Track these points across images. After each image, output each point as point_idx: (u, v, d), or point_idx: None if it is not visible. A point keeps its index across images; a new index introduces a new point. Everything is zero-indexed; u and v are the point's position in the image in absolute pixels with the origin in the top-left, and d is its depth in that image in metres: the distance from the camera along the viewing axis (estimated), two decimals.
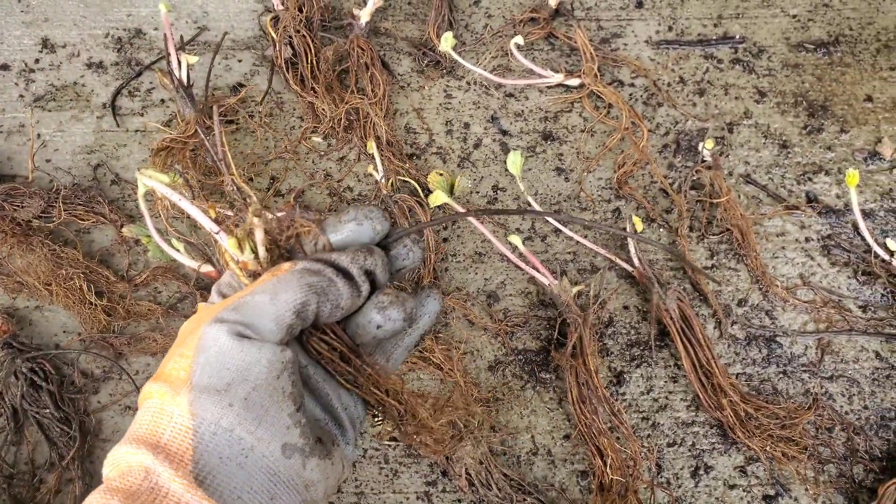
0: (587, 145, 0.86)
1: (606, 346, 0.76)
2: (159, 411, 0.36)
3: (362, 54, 0.84)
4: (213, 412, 0.35)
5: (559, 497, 0.69)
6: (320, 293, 0.38)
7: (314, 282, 0.38)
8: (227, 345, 0.36)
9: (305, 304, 0.37)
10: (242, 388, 0.35)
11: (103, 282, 0.73)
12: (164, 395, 0.36)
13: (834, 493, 0.71)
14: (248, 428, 0.35)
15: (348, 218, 0.41)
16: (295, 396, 0.37)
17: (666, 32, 0.93)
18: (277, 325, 0.37)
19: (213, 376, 0.35)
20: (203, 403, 0.35)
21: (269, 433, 0.36)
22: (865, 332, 0.77)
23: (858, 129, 0.88)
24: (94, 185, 0.81)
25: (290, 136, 0.84)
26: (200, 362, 0.36)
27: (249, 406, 0.35)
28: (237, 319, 0.36)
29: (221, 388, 0.35)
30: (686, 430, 0.73)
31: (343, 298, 0.39)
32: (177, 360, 0.36)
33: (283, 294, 0.37)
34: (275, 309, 0.37)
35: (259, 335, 0.36)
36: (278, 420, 0.36)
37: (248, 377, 0.36)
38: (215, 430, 0.35)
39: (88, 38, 0.88)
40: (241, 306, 0.37)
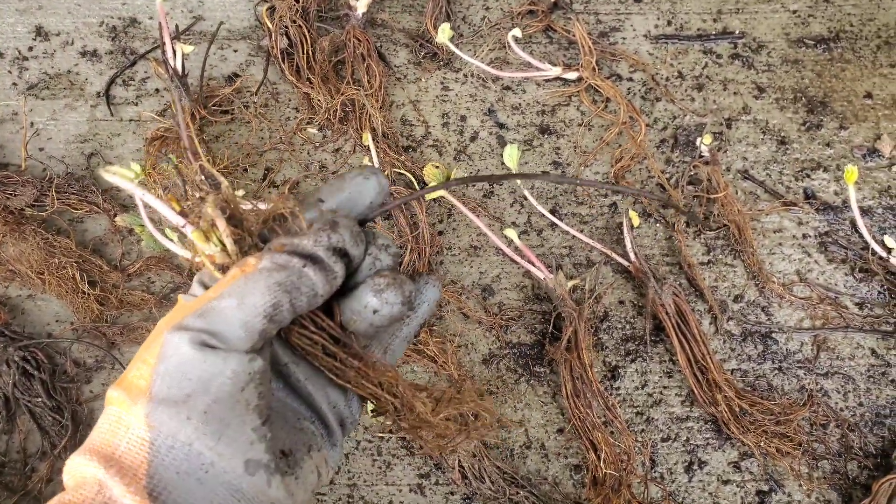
0: (584, 139, 0.86)
1: (601, 340, 0.76)
2: (117, 421, 0.34)
3: (359, 45, 0.84)
4: (170, 425, 0.33)
5: (552, 490, 0.69)
6: (291, 290, 0.35)
7: (282, 279, 0.35)
8: (188, 354, 0.33)
9: (277, 306, 0.35)
10: (202, 401, 0.33)
11: (96, 271, 0.73)
12: (123, 403, 0.34)
13: (828, 490, 0.70)
14: (207, 443, 0.33)
15: (353, 174, 0.39)
16: (261, 409, 0.35)
17: (665, 27, 0.93)
18: (247, 332, 0.34)
19: (172, 387, 0.34)
20: (160, 415, 0.33)
21: (231, 449, 0.34)
22: (861, 329, 0.77)
23: (858, 125, 0.88)
24: (88, 174, 0.80)
25: (285, 127, 0.84)
26: (160, 371, 0.34)
27: (209, 420, 0.33)
28: (202, 327, 0.34)
29: (180, 400, 0.33)
30: (680, 426, 0.73)
31: (319, 287, 0.36)
32: (139, 366, 0.35)
33: (250, 297, 0.34)
34: (242, 315, 0.34)
35: (226, 344, 0.34)
36: (240, 434, 0.34)
37: (209, 389, 0.34)
38: (172, 443, 0.33)
39: (83, 27, 0.88)
40: (207, 312, 0.34)
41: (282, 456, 0.36)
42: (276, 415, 0.38)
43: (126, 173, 0.38)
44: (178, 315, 0.35)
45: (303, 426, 0.38)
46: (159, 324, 0.37)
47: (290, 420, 0.38)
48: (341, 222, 0.37)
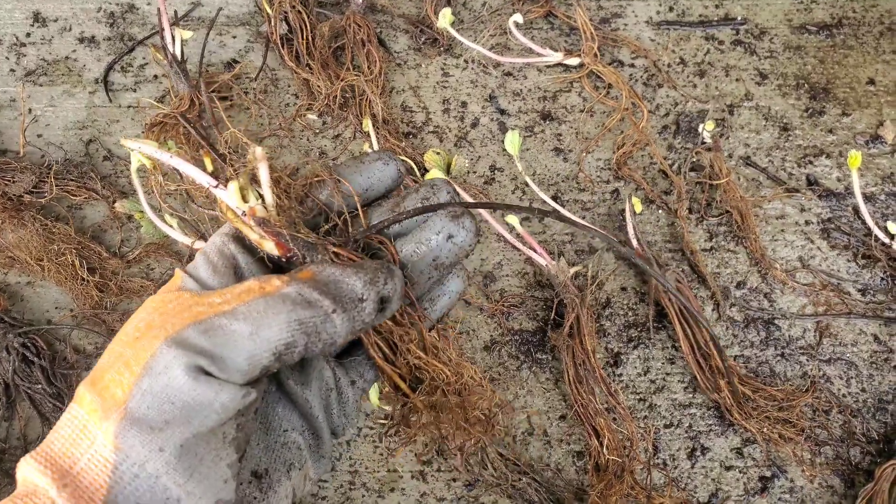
0: (586, 125, 0.85)
1: (604, 327, 0.76)
2: (82, 429, 0.30)
3: (359, 31, 0.83)
4: (140, 452, 0.29)
5: (555, 477, 0.69)
6: (311, 333, 0.31)
7: (306, 317, 0.31)
8: (179, 379, 0.30)
9: (290, 346, 0.31)
10: (181, 433, 0.30)
11: (95, 258, 0.72)
12: (94, 412, 0.30)
13: (830, 475, 0.70)
14: (176, 479, 0.30)
15: (372, 158, 0.37)
16: (239, 442, 0.32)
17: (667, 13, 0.92)
18: (250, 365, 0.31)
19: (152, 408, 0.30)
20: (131, 438, 0.29)
21: (202, 488, 0.30)
22: (864, 316, 0.77)
23: (860, 112, 0.87)
24: (87, 160, 0.79)
25: (284, 114, 0.83)
26: (143, 387, 0.30)
27: (183, 454, 0.30)
28: (204, 349, 0.30)
29: (157, 427, 0.30)
30: (683, 412, 0.73)
31: (339, 336, 0.32)
32: (120, 369, 0.31)
33: (265, 330, 0.31)
34: (252, 346, 0.30)
35: (224, 373, 0.30)
36: (214, 472, 0.31)
37: (191, 420, 0.30)
38: (138, 472, 0.29)
39: (80, 13, 0.87)
40: (214, 332, 0.31)
41: (253, 478, 0.33)
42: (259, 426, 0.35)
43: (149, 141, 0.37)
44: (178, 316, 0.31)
45: (287, 440, 0.36)
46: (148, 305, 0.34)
47: (276, 432, 0.35)
48: (396, 272, 0.34)
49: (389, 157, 0.38)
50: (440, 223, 0.36)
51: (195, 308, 0.32)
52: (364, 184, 0.38)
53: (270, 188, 0.34)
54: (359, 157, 0.38)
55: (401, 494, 0.68)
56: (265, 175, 0.33)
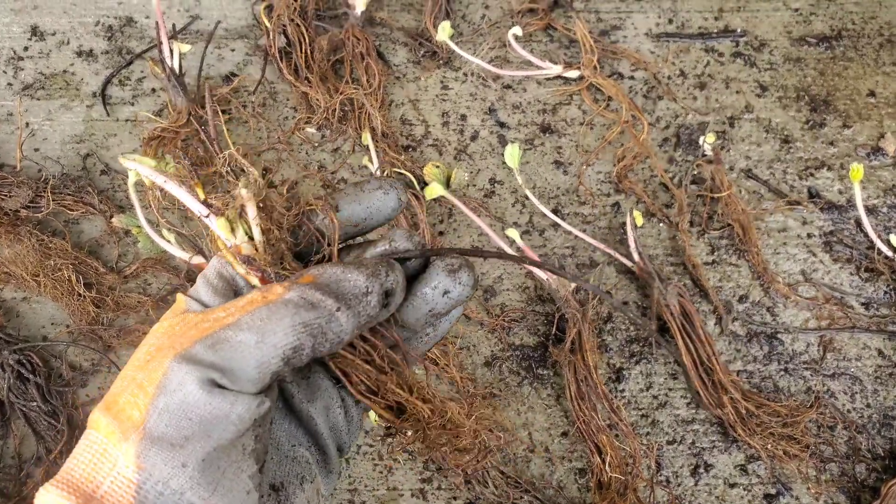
0: (586, 138, 0.85)
1: (605, 342, 0.75)
2: (102, 453, 0.31)
3: (357, 44, 0.83)
4: (162, 470, 0.30)
5: (557, 495, 0.68)
6: (317, 334, 0.32)
7: (310, 319, 0.32)
8: (193, 394, 0.30)
9: (298, 349, 0.31)
10: (202, 447, 0.30)
11: (92, 273, 0.72)
12: (112, 434, 0.30)
13: (836, 493, 0.69)
14: (200, 494, 0.30)
15: (373, 186, 0.37)
16: (258, 453, 0.32)
17: (666, 25, 0.92)
18: (260, 373, 0.31)
19: (170, 426, 0.30)
20: (153, 457, 0.30)
21: (226, 501, 0.31)
22: (868, 330, 0.76)
23: (861, 124, 0.87)
24: (84, 174, 0.79)
25: (283, 127, 0.83)
26: (160, 406, 0.30)
27: (206, 468, 0.30)
28: (213, 363, 0.31)
29: (177, 443, 0.30)
30: (686, 428, 0.72)
31: (346, 333, 0.32)
32: (134, 391, 0.31)
33: (271, 336, 0.31)
34: (260, 354, 0.31)
35: (237, 384, 0.31)
36: (236, 484, 0.31)
37: (211, 434, 0.30)
38: (162, 489, 0.30)
39: (78, 26, 0.87)
40: (220, 344, 0.31)
41: (271, 491, 0.33)
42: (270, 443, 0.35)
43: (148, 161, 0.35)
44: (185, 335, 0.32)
45: (297, 454, 0.36)
46: (156, 327, 0.34)
47: (284, 447, 0.36)
48: (396, 266, 0.34)
49: (390, 187, 0.37)
50: (436, 278, 0.36)
51: (201, 325, 0.32)
52: (362, 213, 0.37)
53: (258, 225, 0.34)
54: (359, 185, 0.37)
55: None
56: (252, 213, 0.33)
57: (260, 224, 0.34)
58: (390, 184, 0.37)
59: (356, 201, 0.37)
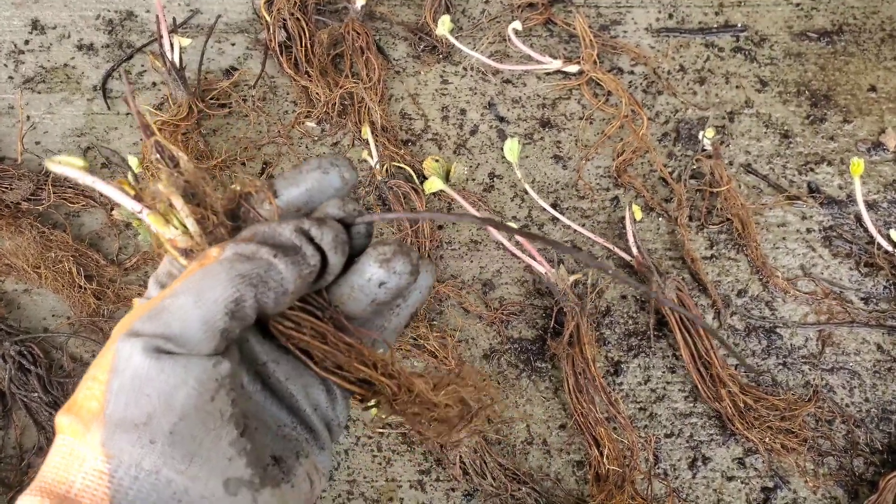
0: (586, 133, 0.85)
1: (604, 335, 0.75)
2: (69, 453, 0.29)
3: (357, 38, 0.83)
4: (131, 452, 0.29)
5: (554, 487, 0.68)
6: (257, 283, 0.31)
7: (247, 270, 0.30)
8: (143, 365, 0.29)
9: (240, 301, 0.30)
10: (167, 420, 0.29)
11: (93, 265, 0.72)
12: (76, 432, 0.29)
13: (834, 486, 0.69)
14: (177, 467, 0.29)
15: (311, 166, 0.35)
16: (237, 418, 0.31)
17: (666, 20, 0.92)
18: (207, 332, 0.30)
19: (129, 405, 0.29)
20: (119, 441, 0.28)
21: (206, 470, 0.29)
22: (867, 325, 0.76)
23: (862, 119, 0.87)
24: (85, 167, 0.79)
25: (283, 121, 0.83)
26: (114, 388, 0.29)
27: (176, 441, 0.29)
28: (155, 331, 0.29)
29: (140, 421, 0.29)
30: (684, 421, 0.72)
31: (288, 282, 0.31)
32: (89, 385, 0.30)
33: (209, 292, 0.30)
34: (201, 312, 0.30)
35: (185, 348, 0.30)
36: (216, 451, 0.30)
37: (172, 404, 0.29)
38: (136, 473, 0.29)
39: (79, 20, 0.87)
40: (160, 313, 0.30)
41: (274, 462, 0.33)
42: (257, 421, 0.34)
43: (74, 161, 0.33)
44: (129, 320, 0.31)
45: (284, 433, 0.35)
46: (113, 333, 0.32)
47: (272, 429, 0.35)
48: (329, 221, 0.33)
49: (330, 164, 0.35)
50: (369, 269, 0.34)
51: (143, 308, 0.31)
52: (302, 197, 0.35)
53: (189, 216, 0.33)
54: (298, 167, 0.36)
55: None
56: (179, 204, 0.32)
57: (191, 214, 0.33)
58: (331, 161, 0.35)
59: (294, 184, 0.35)
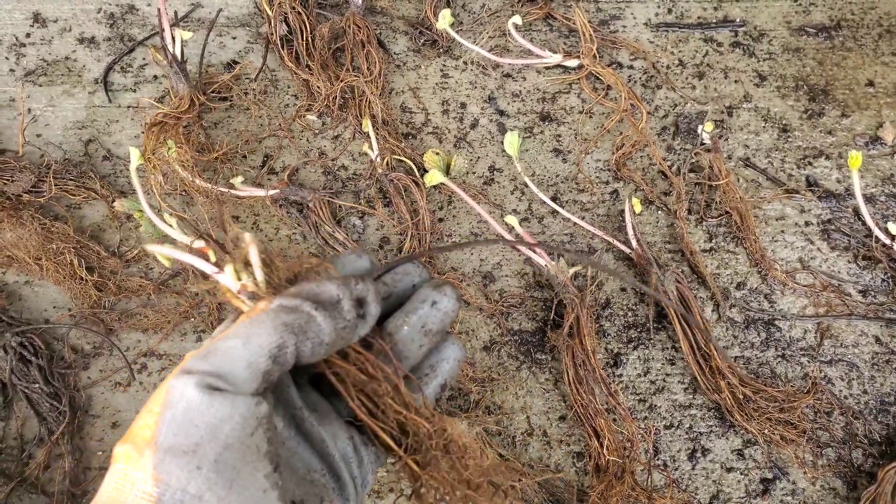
0: (585, 127, 0.85)
1: (603, 327, 0.75)
2: (122, 477, 0.32)
3: (358, 32, 0.83)
4: (178, 476, 0.31)
5: (554, 478, 0.68)
6: (298, 332, 0.35)
7: (290, 320, 0.35)
8: (195, 399, 0.32)
9: (282, 347, 0.34)
10: (212, 448, 0.32)
11: (94, 257, 0.72)
12: (129, 458, 0.32)
13: (832, 477, 0.70)
14: (218, 493, 0.31)
15: (347, 255, 0.42)
16: (272, 455, 0.34)
17: (665, 15, 0.93)
18: (251, 373, 0.33)
19: (178, 434, 0.32)
20: (168, 466, 0.31)
21: (242, 498, 0.32)
22: (865, 317, 0.77)
23: (860, 113, 0.88)
24: (86, 160, 0.79)
25: (284, 114, 0.83)
26: (166, 419, 0.32)
27: (220, 468, 0.32)
28: (206, 370, 0.33)
29: (189, 449, 0.32)
30: (683, 413, 0.72)
31: (325, 334, 0.35)
32: (144, 416, 0.33)
33: (255, 338, 0.34)
34: (247, 354, 0.33)
35: (232, 386, 0.33)
36: (253, 482, 0.33)
37: (218, 435, 0.32)
38: (182, 497, 0.31)
39: (80, 13, 0.87)
40: (211, 354, 0.33)
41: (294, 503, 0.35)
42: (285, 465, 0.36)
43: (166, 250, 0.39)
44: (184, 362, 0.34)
45: (312, 478, 0.37)
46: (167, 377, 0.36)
47: (300, 471, 0.37)
48: (366, 277, 0.38)
49: (361, 252, 0.42)
50: (424, 292, 0.40)
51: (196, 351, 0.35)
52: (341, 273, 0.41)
53: (260, 268, 0.37)
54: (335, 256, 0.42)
55: (399, 493, 0.68)
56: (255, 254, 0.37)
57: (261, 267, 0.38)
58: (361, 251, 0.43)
59: (340, 267, 0.41)
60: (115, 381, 0.70)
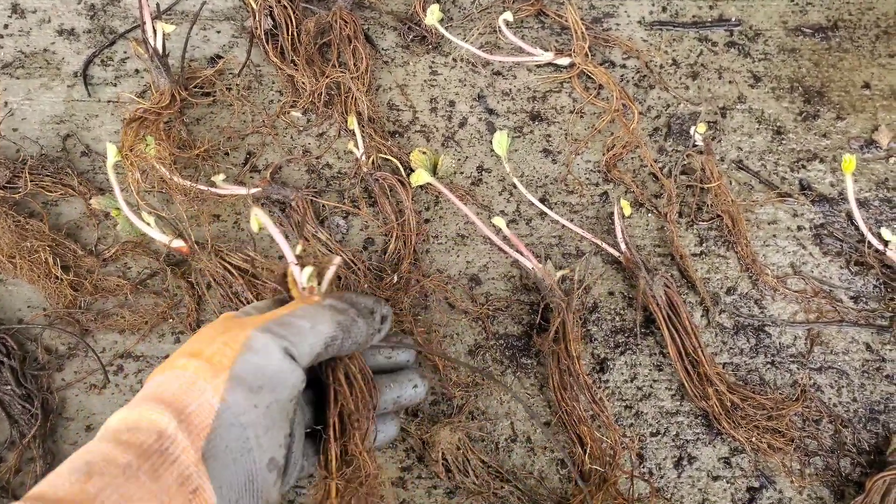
0: (576, 127, 0.84)
1: (590, 332, 0.74)
2: (190, 383, 0.38)
3: (345, 27, 0.82)
4: (241, 405, 0.38)
5: (538, 485, 0.67)
6: (345, 330, 0.42)
7: (342, 320, 0.43)
8: (275, 356, 0.39)
9: (334, 339, 0.42)
10: (269, 396, 0.38)
11: (70, 256, 0.71)
12: (202, 371, 0.38)
13: (820, 487, 0.69)
14: (258, 431, 0.38)
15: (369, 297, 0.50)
16: (292, 422, 0.41)
17: (660, 13, 0.91)
18: (310, 352, 0.40)
19: (250, 374, 0.38)
20: (236, 393, 0.38)
21: (268, 443, 0.38)
22: (856, 324, 0.75)
23: (855, 116, 0.86)
24: (63, 155, 0.78)
25: (268, 111, 0.82)
26: (246, 358, 0.38)
27: (267, 414, 0.38)
28: (285, 336, 0.40)
29: (254, 389, 0.38)
30: (670, 420, 0.71)
31: (361, 336, 0.44)
32: (220, 347, 0.39)
33: (320, 325, 0.41)
34: (312, 337, 0.41)
35: (296, 357, 0.40)
36: (277, 436, 0.39)
37: (276, 389, 0.39)
38: (234, 420, 0.37)
39: (60, 4, 0.85)
40: (288, 325, 0.41)
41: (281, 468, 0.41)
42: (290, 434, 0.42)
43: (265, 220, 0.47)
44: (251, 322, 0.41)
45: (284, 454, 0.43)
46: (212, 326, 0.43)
47: None
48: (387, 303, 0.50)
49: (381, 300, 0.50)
50: (412, 374, 0.52)
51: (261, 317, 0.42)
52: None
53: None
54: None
55: (380, 501, 0.67)
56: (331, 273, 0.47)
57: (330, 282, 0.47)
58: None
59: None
60: (90, 383, 0.68)
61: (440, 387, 0.70)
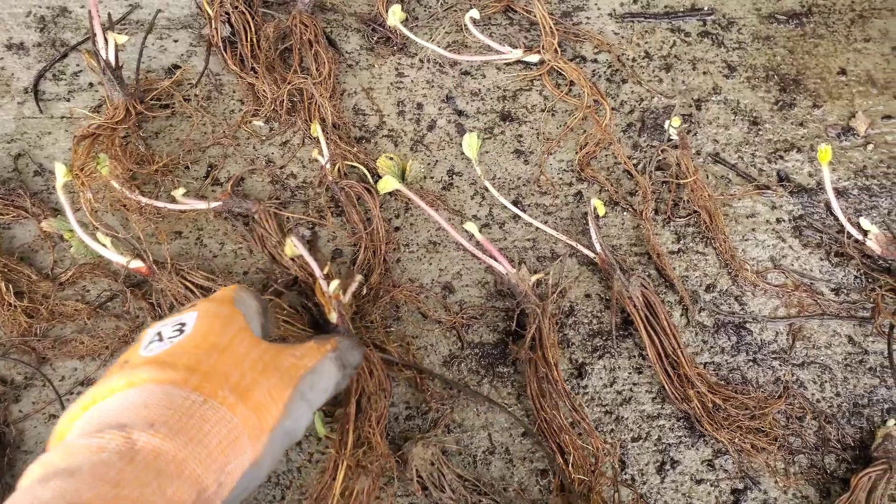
0: (548, 125, 0.82)
1: (567, 336, 0.72)
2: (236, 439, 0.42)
3: (306, 31, 0.79)
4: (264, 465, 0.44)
5: (518, 497, 0.66)
6: (339, 384, 0.52)
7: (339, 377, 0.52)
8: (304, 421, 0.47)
9: (339, 383, 0.52)
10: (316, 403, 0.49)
11: (24, 281, 0.68)
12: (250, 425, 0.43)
13: (805, 485, 0.67)
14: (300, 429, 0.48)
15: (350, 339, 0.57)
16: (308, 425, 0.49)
17: (631, 5, 0.89)
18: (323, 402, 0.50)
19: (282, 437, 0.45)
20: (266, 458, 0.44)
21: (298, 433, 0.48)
22: (838, 316, 0.74)
23: (832, 103, 0.84)
24: (15, 176, 0.75)
25: (229, 121, 0.79)
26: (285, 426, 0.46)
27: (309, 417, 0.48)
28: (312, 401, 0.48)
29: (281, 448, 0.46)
30: (651, 424, 0.69)
31: (344, 384, 0.53)
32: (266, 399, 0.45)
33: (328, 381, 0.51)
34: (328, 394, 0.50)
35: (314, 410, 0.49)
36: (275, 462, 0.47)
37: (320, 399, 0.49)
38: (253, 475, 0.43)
39: (8, 17, 0.82)
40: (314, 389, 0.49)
41: None
42: None
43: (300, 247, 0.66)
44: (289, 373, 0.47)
45: None
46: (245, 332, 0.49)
47: None
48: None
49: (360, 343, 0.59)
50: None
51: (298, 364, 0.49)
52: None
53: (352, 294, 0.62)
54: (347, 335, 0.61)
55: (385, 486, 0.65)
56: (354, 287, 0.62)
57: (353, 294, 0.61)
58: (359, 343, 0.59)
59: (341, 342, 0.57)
60: (50, 413, 0.66)
61: (414, 401, 0.68)
